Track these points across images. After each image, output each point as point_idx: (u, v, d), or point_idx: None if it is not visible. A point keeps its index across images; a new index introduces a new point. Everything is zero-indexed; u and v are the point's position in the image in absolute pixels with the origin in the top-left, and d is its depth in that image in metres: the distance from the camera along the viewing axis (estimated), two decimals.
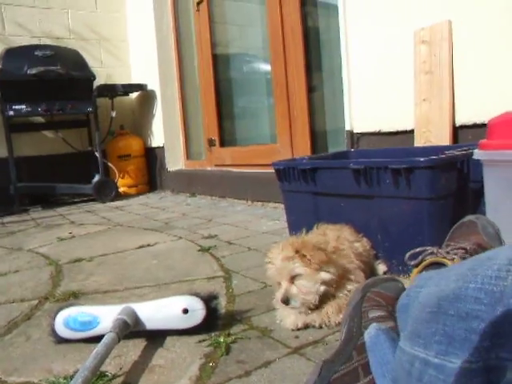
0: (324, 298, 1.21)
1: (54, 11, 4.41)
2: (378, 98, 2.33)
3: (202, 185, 3.83)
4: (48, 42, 4.27)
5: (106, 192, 4.12)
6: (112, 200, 4.13)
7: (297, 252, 1.18)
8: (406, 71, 2.18)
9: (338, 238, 1.42)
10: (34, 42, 4.23)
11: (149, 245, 2.29)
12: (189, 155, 4.40)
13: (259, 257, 1.89)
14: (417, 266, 0.97)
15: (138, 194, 4.55)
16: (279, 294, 1.18)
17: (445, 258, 0.93)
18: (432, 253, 0.95)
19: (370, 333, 0.78)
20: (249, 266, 1.78)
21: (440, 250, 0.94)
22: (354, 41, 2.43)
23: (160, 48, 4.26)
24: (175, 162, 4.37)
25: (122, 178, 4.48)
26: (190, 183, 4.02)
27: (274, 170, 1.93)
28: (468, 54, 1.95)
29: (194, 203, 3.61)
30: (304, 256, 1.17)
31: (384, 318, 0.87)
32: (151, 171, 4.64)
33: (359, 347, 0.80)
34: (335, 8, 2.61)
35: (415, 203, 1.43)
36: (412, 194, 1.42)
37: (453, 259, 0.92)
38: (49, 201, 4.30)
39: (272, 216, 2.75)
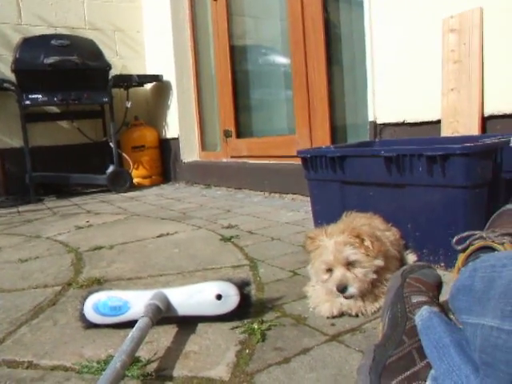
0: None
1: (70, 1, 4.39)
2: (402, 88, 2.29)
3: (218, 176, 3.81)
4: (64, 32, 4.26)
5: (121, 182, 4.11)
6: (126, 191, 4.11)
7: (357, 237, 1.14)
8: (433, 61, 2.13)
9: (369, 226, 1.39)
10: (50, 31, 4.21)
11: (168, 234, 2.27)
12: (204, 147, 4.37)
13: (284, 246, 1.87)
14: (464, 250, 0.94)
15: (152, 185, 4.54)
16: (334, 281, 1.13)
17: (494, 242, 0.90)
18: (481, 237, 0.91)
19: (422, 315, 0.75)
20: (274, 255, 1.75)
21: (489, 235, 0.91)
22: (378, 30, 2.38)
23: (176, 39, 4.23)
24: (190, 153, 4.35)
25: (136, 168, 4.46)
26: (205, 175, 4.00)
27: (298, 159, 1.90)
28: (499, 43, 1.90)
29: (209, 194, 3.58)
30: (363, 242, 1.14)
31: (428, 304, 0.85)
32: (165, 162, 4.62)
33: (409, 331, 0.77)
34: None
35: (449, 192, 1.39)
36: (446, 182, 1.38)
37: (502, 243, 0.89)
38: (63, 191, 4.30)
39: (291, 207, 2.72)
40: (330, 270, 1.16)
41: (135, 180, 4.44)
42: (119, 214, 2.98)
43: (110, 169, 4.15)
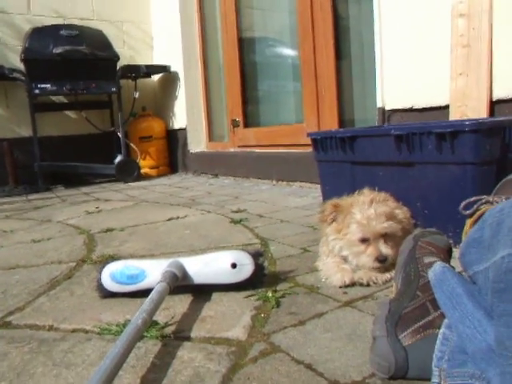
0: None
1: None
2: (411, 74, 2.31)
3: (225, 166, 3.83)
4: (72, 22, 4.28)
5: (128, 172, 4.14)
6: (134, 181, 4.14)
7: (396, 209, 1.19)
8: (441, 46, 2.15)
9: None
10: (59, 22, 4.24)
11: (178, 217, 2.29)
12: (211, 137, 4.40)
13: (293, 227, 1.89)
14: (471, 216, 0.96)
15: (159, 175, 4.56)
16: (376, 251, 1.16)
17: None
18: (487, 202, 0.94)
19: (435, 270, 0.78)
20: (284, 235, 1.78)
21: (496, 199, 0.93)
22: (387, 15, 2.40)
23: (184, 29, 4.25)
24: (197, 143, 4.37)
25: (144, 159, 4.49)
26: (213, 164, 4.02)
27: (306, 148, 1.92)
28: (508, 28, 1.91)
29: (217, 183, 3.61)
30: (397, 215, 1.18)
31: None
32: (172, 153, 4.65)
33: (422, 287, 0.80)
34: None
35: (459, 168, 1.41)
36: (456, 159, 1.41)
37: None
38: (71, 181, 4.33)
39: (299, 193, 2.74)
40: (365, 241, 1.18)
41: (143, 170, 4.46)
42: (128, 201, 3.01)
43: (118, 159, 4.18)
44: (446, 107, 2.14)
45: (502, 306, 0.52)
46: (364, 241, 1.19)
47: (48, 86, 3.84)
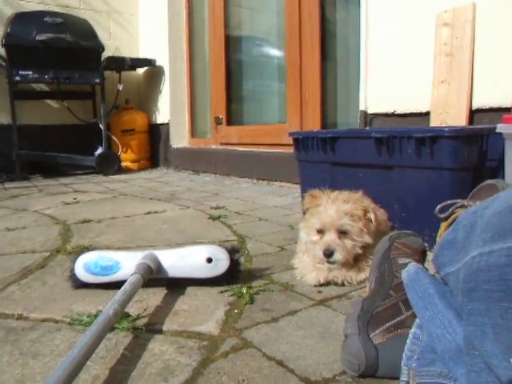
0: None
1: None
2: (394, 79, 2.33)
3: (207, 163, 3.82)
4: (57, 9, 4.20)
5: (109, 165, 4.08)
6: (114, 174, 4.09)
7: (364, 210, 1.18)
8: (425, 53, 2.18)
9: None
10: (43, 8, 4.16)
11: (157, 212, 2.28)
12: (194, 133, 4.37)
13: (271, 226, 1.89)
14: (446, 219, 0.98)
15: (140, 169, 4.52)
16: (323, 244, 1.16)
17: None
18: (462, 205, 0.95)
19: (409, 271, 0.79)
20: (261, 232, 1.78)
21: (470, 203, 0.95)
22: (373, 22, 2.42)
23: (171, 24, 4.22)
24: (180, 139, 4.34)
25: (125, 152, 4.44)
26: (194, 161, 4.00)
27: (287, 148, 1.92)
28: (490, 39, 1.95)
29: (197, 180, 3.59)
30: (365, 215, 1.18)
31: None
32: (154, 147, 4.61)
33: (395, 287, 0.81)
34: None
35: (436, 173, 1.43)
36: (434, 164, 1.42)
37: None
38: (50, 171, 4.26)
39: (279, 193, 2.75)
40: (321, 232, 1.18)
41: (123, 164, 4.42)
42: (107, 194, 2.97)
43: (99, 151, 4.12)
44: (427, 114, 2.16)
45: (471, 304, 0.53)
46: (320, 232, 1.19)
47: (29, 73, 3.77)
